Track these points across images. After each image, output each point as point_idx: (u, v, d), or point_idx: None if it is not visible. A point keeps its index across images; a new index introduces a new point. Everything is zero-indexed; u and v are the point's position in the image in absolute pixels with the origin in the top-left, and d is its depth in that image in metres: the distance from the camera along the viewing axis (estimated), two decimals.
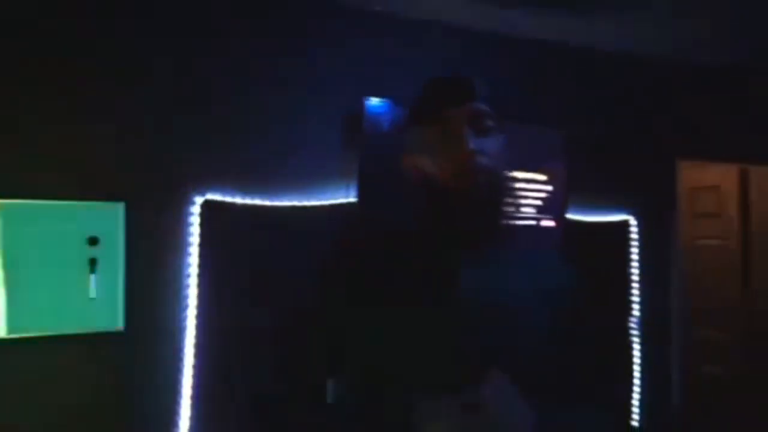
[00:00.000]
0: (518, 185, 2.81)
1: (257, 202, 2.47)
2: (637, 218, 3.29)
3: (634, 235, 3.28)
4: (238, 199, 2.45)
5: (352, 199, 2.53)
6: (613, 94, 3.29)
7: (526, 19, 2.80)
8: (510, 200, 1.21)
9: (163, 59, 2.38)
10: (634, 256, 3.27)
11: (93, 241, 2.23)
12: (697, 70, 3.48)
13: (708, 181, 3.98)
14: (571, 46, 3.14)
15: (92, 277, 2.21)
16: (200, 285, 2.37)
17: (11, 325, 2.10)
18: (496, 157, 1.00)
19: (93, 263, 2.22)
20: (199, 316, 2.36)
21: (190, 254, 2.37)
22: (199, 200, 2.39)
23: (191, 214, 2.38)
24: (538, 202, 2.84)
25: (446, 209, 0.99)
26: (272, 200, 2.50)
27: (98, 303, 2.22)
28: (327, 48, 2.64)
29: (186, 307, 2.35)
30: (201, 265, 2.38)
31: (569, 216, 2.98)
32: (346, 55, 2.65)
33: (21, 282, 2.11)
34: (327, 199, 2.57)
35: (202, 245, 2.38)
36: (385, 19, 2.74)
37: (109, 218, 2.25)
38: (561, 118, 3.01)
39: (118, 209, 2.26)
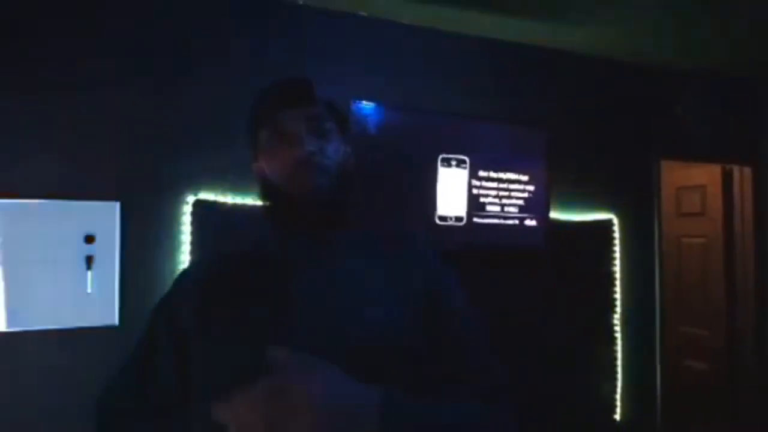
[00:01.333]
0: (501, 185, 2.89)
1: (248, 201, 2.56)
2: (620, 217, 3.38)
3: (617, 234, 3.37)
4: (229, 199, 2.54)
5: None
6: (596, 95, 3.38)
7: (509, 23, 2.89)
8: (358, 202, 1.07)
9: (160, 60, 2.47)
10: (617, 255, 3.36)
11: (89, 239, 2.32)
12: (678, 73, 3.57)
13: (693, 180, 4.07)
14: (554, 49, 3.23)
15: (89, 273, 2.31)
16: None
17: (11, 318, 2.20)
18: (335, 159, 1.01)
19: (89, 260, 2.32)
20: None
21: (182, 252, 2.47)
22: (191, 200, 2.49)
23: (183, 213, 2.48)
24: (521, 202, 2.93)
25: (288, 210, 0.99)
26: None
27: (94, 299, 2.31)
28: (317, 51, 2.73)
29: None
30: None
31: (552, 215, 3.07)
32: (335, 59, 2.74)
33: (21, 277, 2.21)
34: None
35: (193, 243, 2.48)
36: (371, 24, 2.84)
37: (105, 217, 2.35)
38: (544, 119, 3.10)
39: (114, 208, 2.36)
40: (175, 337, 0.97)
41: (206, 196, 2.51)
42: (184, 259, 2.46)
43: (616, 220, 3.37)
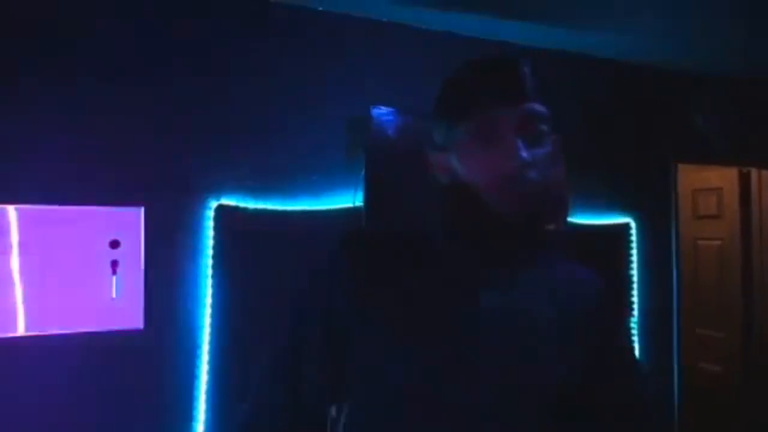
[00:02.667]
0: None
1: (268, 206, 2.59)
2: (637, 220, 3.38)
3: (634, 237, 3.37)
4: (251, 204, 2.57)
5: (359, 204, 2.64)
6: (614, 98, 3.37)
7: (524, 28, 2.89)
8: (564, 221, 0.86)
9: (184, 66, 2.50)
10: (634, 258, 3.36)
11: (114, 244, 2.36)
12: (695, 76, 3.56)
13: (710, 183, 4.06)
14: (570, 53, 3.22)
15: (113, 278, 2.34)
16: (214, 286, 2.49)
17: (39, 322, 2.23)
18: (548, 169, 0.83)
19: (114, 265, 2.35)
20: (213, 316, 2.48)
21: (205, 257, 2.50)
22: (213, 205, 2.52)
23: (206, 218, 2.51)
24: None
25: (482, 225, 0.84)
26: (283, 205, 2.61)
27: (119, 303, 2.35)
28: (336, 55, 2.75)
29: (202, 306, 2.48)
30: (215, 267, 2.50)
31: (570, 219, 3.07)
32: (353, 64, 2.76)
33: (48, 282, 2.25)
34: (335, 204, 2.68)
35: (216, 248, 2.50)
36: (390, 29, 2.85)
37: (129, 222, 2.38)
38: (562, 122, 3.09)
39: (138, 214, 2.39)
40: (332, 339, 0.86)
41: (228, 201, 2.53)
42: (207, 263, 2.48)
43: (633, 224, 3.36)
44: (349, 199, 2.69)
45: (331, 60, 2.74)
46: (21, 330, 2.22)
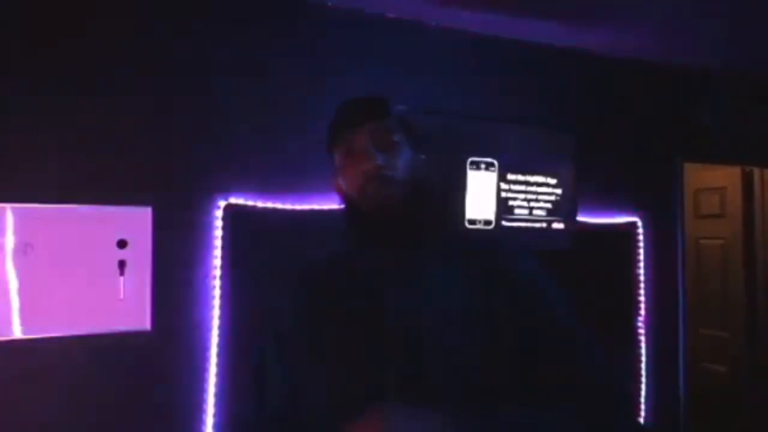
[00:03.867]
0: (530, 188, 2.88)
1: (277, 205, 2.55)
2: (644, 219, 3.37)
3: (641, 236, 3.36)
4: (259, 203, 2.53)
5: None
6: (621, 97, 3.37)
7: (534, 25, 2.88)
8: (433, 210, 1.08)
9: (192, 65, 2.45)
10: (641, 256, 3.35)
11: (122, 244, 2.31)
12: (699, 74, 3.56)
13: (713, 182, 4.06)
14: (579, 51, 3.21)
15: (121, 278, 2.30)
16: (223, 286, 2.45)
17: (43, 323, 2.18)
18: (405, 171, 1.02)
19: (122, 265, 2.30)
20: (222, 316, 2.44)
21: (214, 256, 2.45)
22: (221, 204, 2.47)
23: (215, 217, 2.46)
24: (549, 205, 2.92)
25: (367, 225, 1.02)
26: (292, 204, 2.58)
27: (127, 304, 2.30)
28: (347, 55, 2.72)
29: (211, 307, 2.43)
30: (224, 267, 2.46)
31: (579, 218, 3.06)
32: (365, 63, 2.73)
33: (54, 282, 2.19)
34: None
35: (224, 247, 2.46)
36: (403, 27, 2.82)
37: (137, 222, 2.33)
38: (570, 122, 3.08)
39: (146, 213, 2.34)
40: (282, 352, 1.08)
41: (237, 200, 2.49)
42: (216, 263, 2.44)
43: (640, 223, 3.36)
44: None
45: (348, 58, 2.71)
46: (18, 333, 2.16)
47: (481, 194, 2.76)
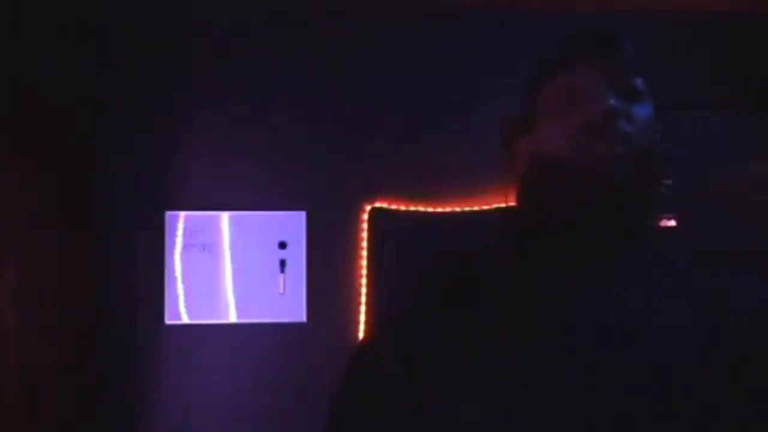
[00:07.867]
0: None
1: (420, 208, 2.66)
2: None
3: None
4: (403, 206, 2.67)
5: (512, 204, 2.58)
6: None
7: None
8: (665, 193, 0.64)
9: (342, 77, 2.69)
10: None
11: (283, 245, 2.63)
12: None
13: None
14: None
15: (281, 275, 2.62)
16: (370, 284, 2.64)
17: (211, 312, 2.59)
18: (644, 131, 0.68)
19: (283, 264, 2.62)
20: (369, 312, 2.63)
21: (361, 257, 2.66)
22: (368, 208, 2.67)
23: (362, 220, 2.67)
24: None
25: (568, 195, 0.67)
26: (434, 206, 2.67)
27: (286, 298, 2.62)
28: (490, 54, 2.71)
29: (359, 303, 2.65)
30: (370, 266, 2.65)
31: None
32: (492, 56, 2.71)
33: (226, 278, 2.60)
34: (486, 204, 2.66)
35: (371, 248, 2.65)
36: (540, 20, 2.72)
37: (294, 225, 2.63)
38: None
39: (301, 217, 2.63)
40: (414, 394, 0.70)
41: (383, 204, 2.66)
42: (363, 263, 2.64)
43: None
44: (502, 200, 2.66)
45: (486, 58, 2.71)
46: (185, 319, 2.58)
47: None
